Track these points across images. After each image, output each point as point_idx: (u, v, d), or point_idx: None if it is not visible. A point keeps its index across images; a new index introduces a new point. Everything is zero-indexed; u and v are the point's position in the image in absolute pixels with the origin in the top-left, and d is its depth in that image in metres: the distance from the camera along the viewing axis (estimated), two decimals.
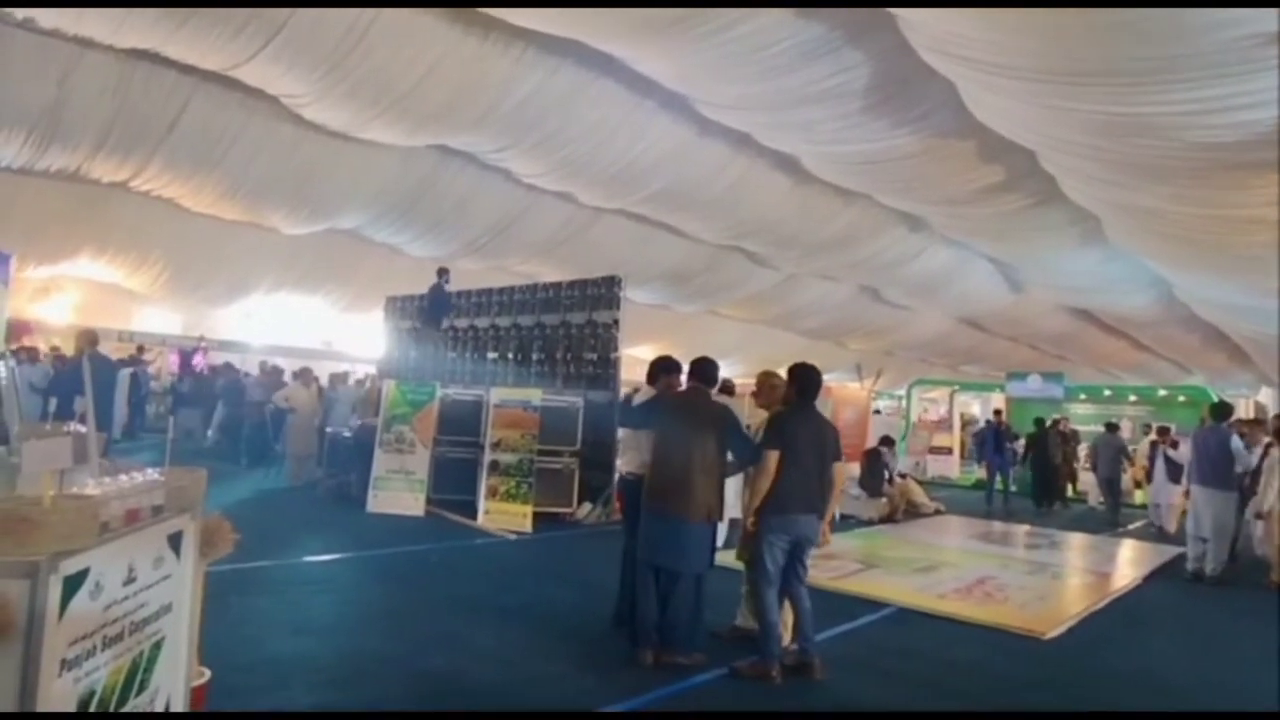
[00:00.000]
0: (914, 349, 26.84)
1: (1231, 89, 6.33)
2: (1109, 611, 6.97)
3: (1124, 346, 23.82)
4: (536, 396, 9.91)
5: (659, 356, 5.52)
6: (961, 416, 22.43)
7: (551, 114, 11.22)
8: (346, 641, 4.89)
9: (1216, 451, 8.42)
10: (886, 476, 12.13)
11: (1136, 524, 13.15)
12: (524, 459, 9.44)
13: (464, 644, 4.89)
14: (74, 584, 1.63)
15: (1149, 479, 13.40)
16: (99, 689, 1.76)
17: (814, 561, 5.19)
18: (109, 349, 12.29)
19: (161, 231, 14.96)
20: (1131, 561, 9.85)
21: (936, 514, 12.78)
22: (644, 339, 19.40)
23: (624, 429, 6.26)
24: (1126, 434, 15.74)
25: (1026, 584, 7.78)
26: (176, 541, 2.12)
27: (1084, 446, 16.53)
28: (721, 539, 5.65)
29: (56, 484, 1.90)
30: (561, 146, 12.09)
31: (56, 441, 2.04)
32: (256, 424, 12.78)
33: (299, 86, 10.36)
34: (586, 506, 9.73)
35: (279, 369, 14.83)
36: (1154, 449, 13.05)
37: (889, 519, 11.68)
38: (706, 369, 5.09)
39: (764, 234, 15.91)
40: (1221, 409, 8.99)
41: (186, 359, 17.81)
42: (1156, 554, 10.10)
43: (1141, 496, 14.85)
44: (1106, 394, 20.19)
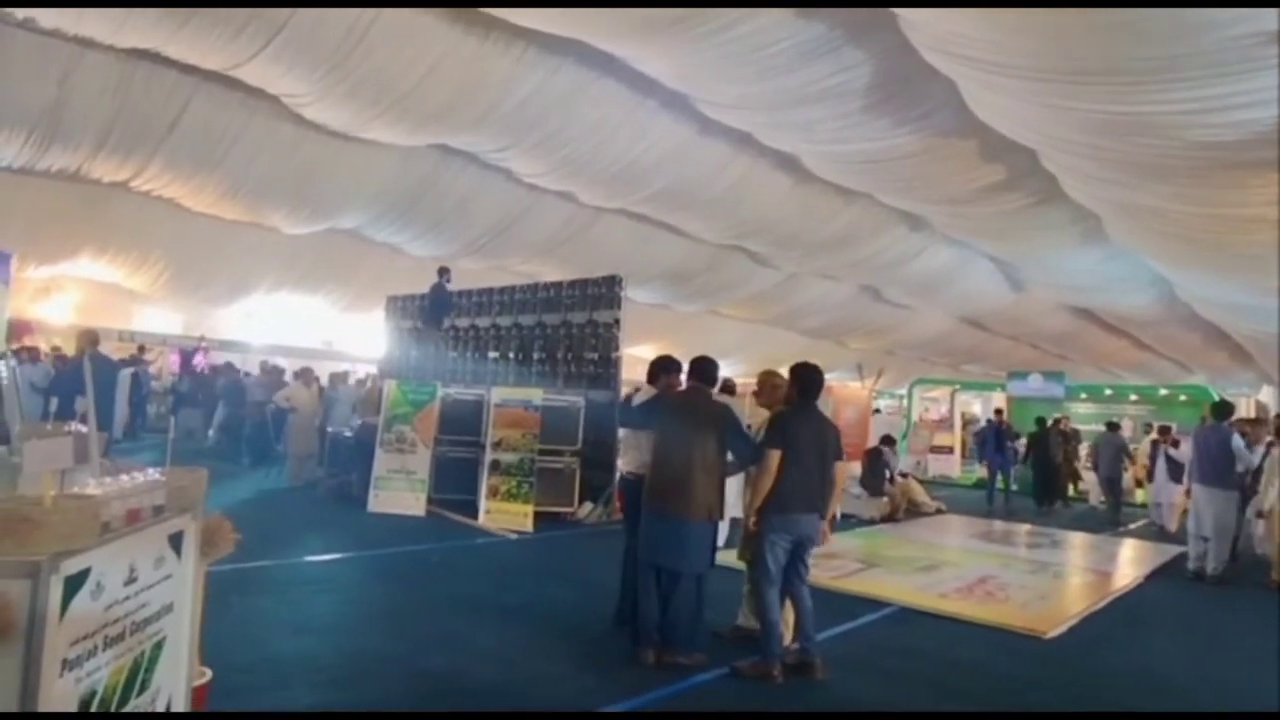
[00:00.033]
0: (915, 348, 26.85)
1: (1231, 88, 6.34)
2: (1110, 611, 6.97)
3: (1125, 345, 23.82)
4: (537, 396, 9.91)
5: (659, 356, 5.52)
6: (962, 416, 22.39)
7: (552, 113, 11.23)
8: (347, 641, 4.90)
9: (1218, 450, 8.41)
10: (888, 476, 12.12)
11: (1138, 523, 13.14)
12: (525, 458, 9.45)
13: (465, 643, 4.89)
14: (75, 584, 1.63)
15: (1150, 478, 13.40)
16: (100, 689, 1.76)
17: (815, 561, 5.19)
18: (110, 349, 12.29)
19: (162, 231, 14.98)
20: (1133, 561, 9.84)
21: (938, 513, 12.77)
22: (645, 338, 19.39)
23: (624, 429, 6.26)
24: (1128, 433, 15.72)
25: (1028, 583, 7.77)
26: (177, 541, 2.12)
27: (1085, 446, 16.51)
28: (722, 539, 5.65)
29: (57, 484, 1.90)
30: (562, 146, 12.09)
31: (57, 441, 2.04)
32: (258, 424, 12.78)
33: (300, 86, 10.37)
34: (587, 506, 9.73)
35: (280, 369, 14.83)
36: (1155, 448, 13.05)
37: (890, 518, 11.67)
38: (706, 368, 5.09)
39: (765, 233, 15.91)
40: (1223, 408, 8.98)
41: (187, 359, 17.80)
42: (1157, 553, 10.10)
43: (1143, 496, 14.83)
44: (1107, 393, 20.15)
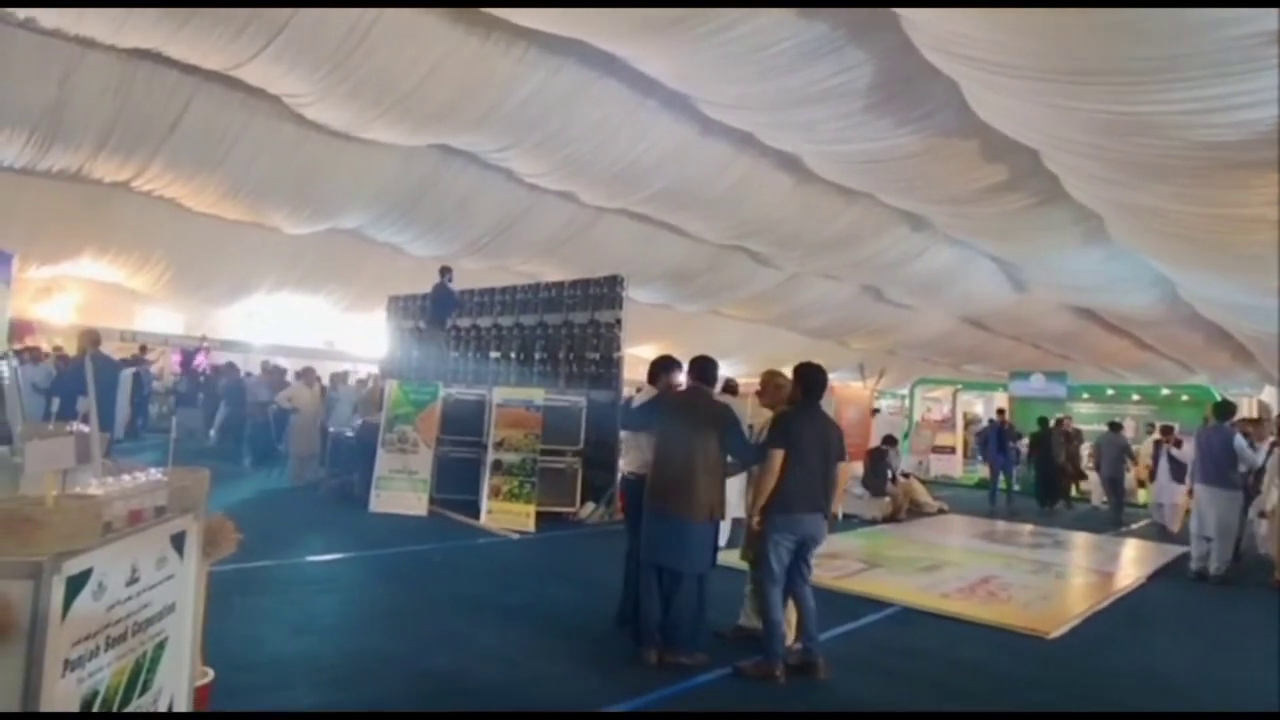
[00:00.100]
0: (917, 348, 26.83)
1: (1232, 88, 6.34)
2: (1113, 611, 6.96)
3: (1127, 345, 23.80)
4: (539, 396, 9.90)
5: (659, 356, 5.53)
6: (964, 416, 22.40)
7: (553, 114, 11.22)
8: (349, 641, 4.89)
9: (1220, 451, 8.40)
10: (890, 476, 12.12)
11: (1140, 523, 13.13)
12: (527, 458, 9.44)
13: (467, 643, 4.89)
14: (77, 584, 1.62)
15: (1152, 478, 13.37)
16: (102, 689, 1.76)
17: (817, 561, 5.19)
18: (111, 349, 12.30)
19: (163, 231, 14.99)
20: (1135, 561, 9.83)
21: (940, 513, 12.76)
22: (646, 338, 19.39)
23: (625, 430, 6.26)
24: (1130, 433, 15.69)
25: (1030, 583, 7.76)
26: (179, 541, 2.11)
27: (1087, 446, 16.50)
28: (724, 539, 5.64)
29: (59, 484, 1.89)
30: (563, 146, 12.09)
31: (59, 441, 2.04)
32: (259, 424, 12.78)
33: (301, 86, 10.37)
34: (589, 506, 9.72)
35: (281, 369, 14.83)
36: (1157, 448, 13.02)
37: (892, 518, 11.66)
38: (706, 368, 5.08)
39: (766, 233, 15.91)
40: (1225, 408, 8.97)
41: (188, 359, 17.80)
42: (1160, 553, 10.08)
43: (1145, 496, 14.80)
44: (1110, 393, 20.14)
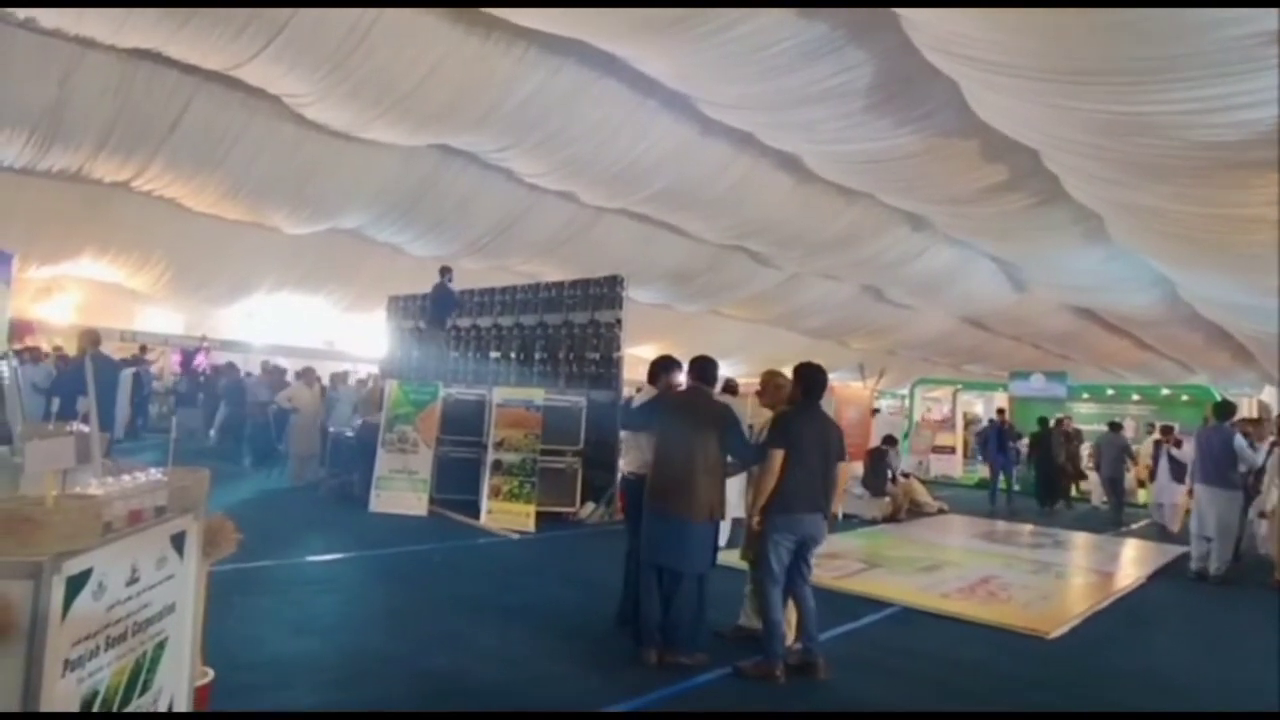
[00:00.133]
0: (917, 348, 26.83)
1: (1232, 88, 6.33)
2: (1113, 611, 6.96)
3: (1127, 345, 23.79)
4: (539, 396, 9.90)
5: (659, 356, 5.53)
6: (964, 416, 22.40)
7: (553, 114, 11.22)
8: (349, 641, 4.89)
9: (1220, 451, 8.40)
10: (890, 476, 12.12)
11: (1140, 523, 13.13)
12: (527, 458, 9.44)
13: (467, 644, 4.89)
14: (77, 584, 1.62)
15: (1152, 478, 13.37)
16: (102, 689, 1.76)
17: (817, 561, 5.19)
18: (111, 349, 12.30)
19: (163, 231, 14.99)
20: (1135, 561, 9.83)
21: (940, 513, 12.76)
22: (647, 338, 19.39)
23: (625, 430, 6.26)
24: (1130, 433, 15.70)
25: (1030, 583, 7.76)
26: (180, 542, 2.11)
27: (1087, 446, 16.51)
28: (724, 539, 5.64)
29: (59, 484, 1.89)
30: (564, 146, 12.09)
31: (59, 441, 2.04)
32: (259, 424, 12.78)
33: (301, 86, 10.37)
34: (589, 506, 9.72)
35: (281, 369, 14.83)
36: (1157, 448, 13.02)
37: (892, 518, 11.66)
38: (706, 368, 5.09)
39: (766, 233, 15.90)
40: (1225, 408, 8.96)
41: (188, 359, 17.81)
42: (1160, 553, 10.08)
43: (1145, 496, 14.81)
44: (1110, 393, 20.14)
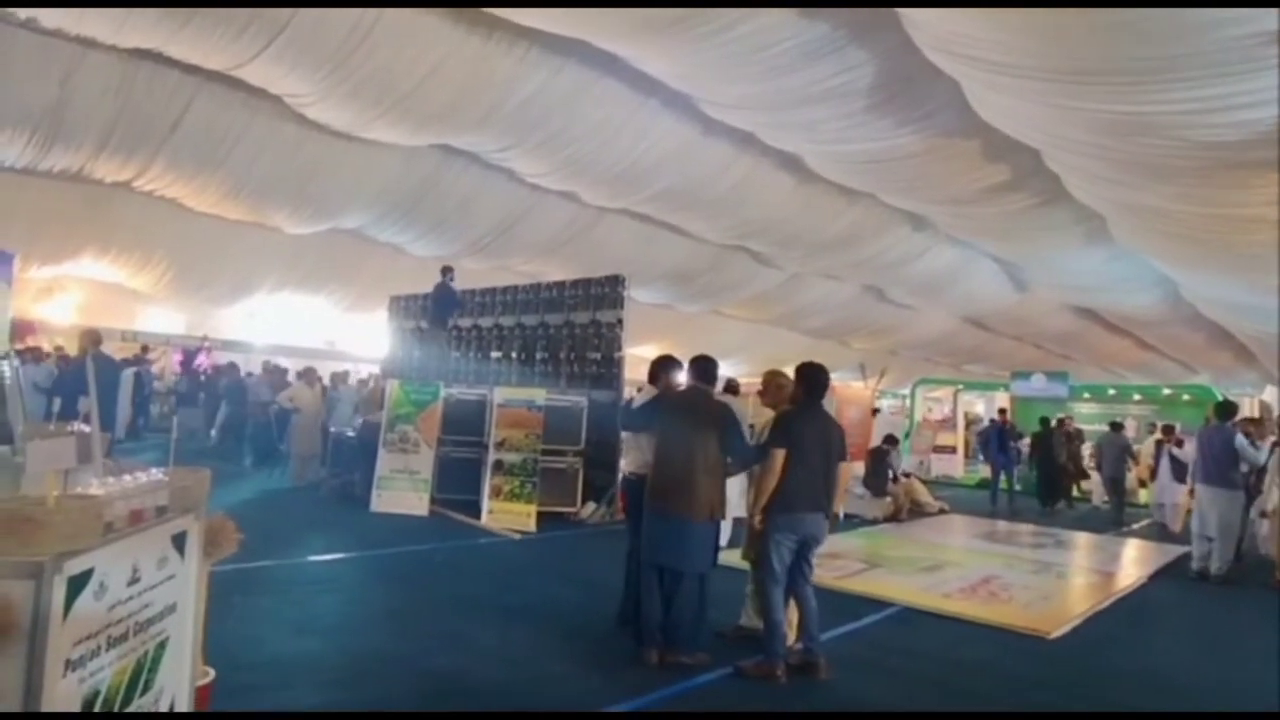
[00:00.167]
0: (918, 348, 26.82)
1: (1233, 88, 6.32)
2: (1114, 611, 6.96)
3: (1128, 345, 23.77)
4: (540, 396, 9.90)
5: (660, 355, 5.53)
6: (966, 416, 22.39)
7: (555, 113, 11.22)
8: (350, 641, 4.90)
9: (1221, 450, 8.39)
10: (891, 476, 12.11)
11: (1141, 523, 13.12)
12: (528, 458, 9.45)
13: (468, 643, 4.89)
14: (78, 584, 1.62)
15: (1154, 478, 13.36)
16: (103, 689, 1.76)
17: (819, 561, 5.18)
18: (112, 349, 12.28)
19: (165, 231, 15.00)
20: (1136, 561, 9.82)
21: (941, 513, 12.75)
22: (648, 338, 19.38)
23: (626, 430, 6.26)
24: (1131, 433, 15.69)
25: (1031, 583, 7.76)
26: (181, 541, 2.11)
27: (1088, 446, 16.50)
28: (725, 538, 5.64)
29: (61, 484, 1.89)
30: (565, 146, 12.09)
31: (60, 441, 2.04)
32: (260, 424, 12.79)
33: (302, 86, 10.37)
34: (590, 506, 9.73)
35: (282, 369, 14.84)
36: (1159, 448, 13.02)
37: (893, 518, 11.65)
38: (706, 368, 5.09)
39: (768, 233, 15.90)
40: (1226, 408, 8.96)
41: (189, 359, 17.82)
42: (1161, 553, 10.08)
43: (1146, 496, 14.79)
44: (1111, 393, 20.13)
